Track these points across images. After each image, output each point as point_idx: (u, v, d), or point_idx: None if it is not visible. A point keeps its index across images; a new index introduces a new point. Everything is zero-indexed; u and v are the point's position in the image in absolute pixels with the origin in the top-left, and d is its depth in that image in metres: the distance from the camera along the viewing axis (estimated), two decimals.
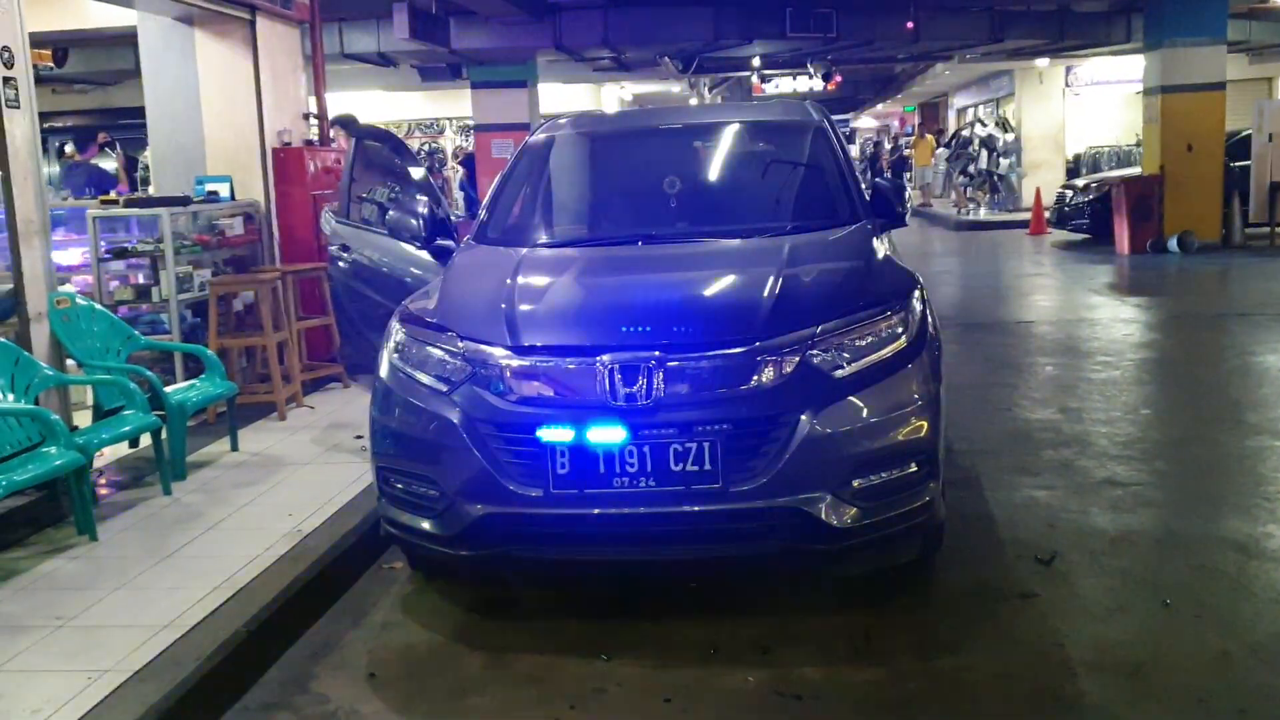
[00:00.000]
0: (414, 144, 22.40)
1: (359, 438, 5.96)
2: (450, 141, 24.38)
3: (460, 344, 3.80)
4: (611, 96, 24.86)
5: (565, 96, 22.11)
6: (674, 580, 4.18)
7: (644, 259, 4.50)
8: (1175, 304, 11.02)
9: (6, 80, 5.18)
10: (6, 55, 5.17)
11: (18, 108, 5.25)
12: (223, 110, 8.00)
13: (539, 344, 3.71)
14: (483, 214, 5.05)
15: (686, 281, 4.22)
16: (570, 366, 3.64)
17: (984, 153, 23.48)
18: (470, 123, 19.43)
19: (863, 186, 4.92)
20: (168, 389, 5.69)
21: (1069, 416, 6.48)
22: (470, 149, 19.73)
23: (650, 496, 3.52)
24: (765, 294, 3.82)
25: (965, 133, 25.11)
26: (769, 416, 3.53)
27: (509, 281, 4.13)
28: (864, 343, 3.70)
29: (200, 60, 7.96)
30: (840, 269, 4.25)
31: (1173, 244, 14.69)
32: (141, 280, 7.26)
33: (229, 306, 7.15)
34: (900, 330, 3.78)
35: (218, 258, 7.58)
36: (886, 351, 3.71)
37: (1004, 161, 23.42)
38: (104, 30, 10.39)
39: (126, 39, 9.23)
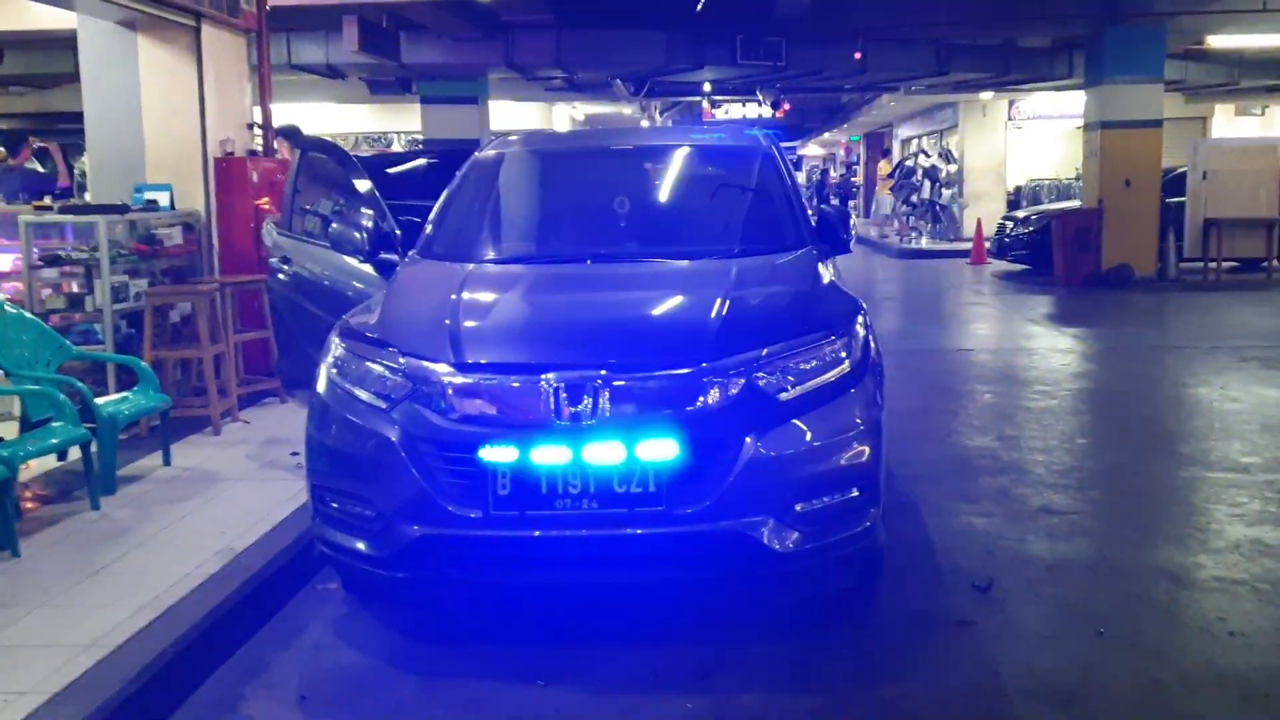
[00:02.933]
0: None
1: (295, 454, 5.85)
2: None
3: (401, 360, 3.74)
4: (563, 116, 24.90)
5: (516, 114, 22.10)
6: (614, 604, 4.15)
7: (592, 277, 4.47)
8: (1112, 335, 11.23)
9: None
10: None
11: None
12: (164, 118, 7.86)
13: (483, 361, 3.66)
14: (428, 229, 4.98)
15: (634, 301, 4.20)
16: (514, 384, 3.59)
17: (927, 183, 23.88)
18: (419, 138, 19.33)
19: (809, 213, 4.95)
20: (99, 401, 5.54)
21: (1007, 444, 6.56)
22: None
23: (593, 519, 3.48)
24: (713, 315, 3.82)
25: (909, 163, 25.49)
26: (714, 439, 3.51)
27: (454, 297, 4.08)
28: (808, 366, 3.71)
29: (142, 66, 7.82)
30: (786, 293, 4.26)
31: (1110, 277, 15.01)
32: (75, 289, 7.08)
33: (165, 318, 6.99)
34: (844, 355, 3.79)
35: (155, 267, 7.42)
36: (830, 375, 3.72)
37: (946, 192, 23.83)
38: (43, 32, 10.19)
39: (66, 42, 9.03)
